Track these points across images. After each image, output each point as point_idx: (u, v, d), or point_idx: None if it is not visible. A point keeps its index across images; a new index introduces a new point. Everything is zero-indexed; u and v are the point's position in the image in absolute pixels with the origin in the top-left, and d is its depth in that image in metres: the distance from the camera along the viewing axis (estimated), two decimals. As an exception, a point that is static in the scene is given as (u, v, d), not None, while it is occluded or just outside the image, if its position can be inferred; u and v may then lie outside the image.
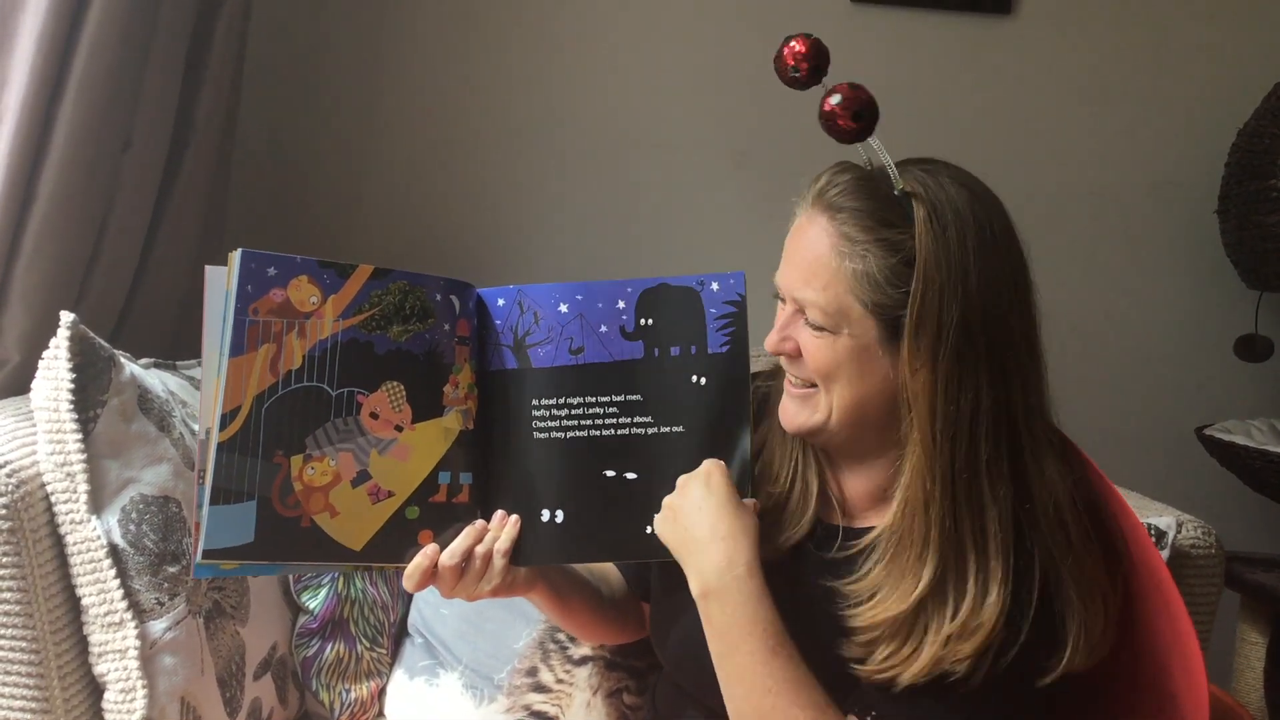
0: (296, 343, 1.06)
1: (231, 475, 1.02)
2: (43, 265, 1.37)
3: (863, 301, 1.02)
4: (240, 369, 1.03)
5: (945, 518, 1.01)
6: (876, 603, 1.03)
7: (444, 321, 1.13)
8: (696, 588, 1.04)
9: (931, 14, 2.05)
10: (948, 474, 1.01)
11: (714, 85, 2.06)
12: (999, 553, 1.00)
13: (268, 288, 1.05)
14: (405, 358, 1.10)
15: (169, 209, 1.65)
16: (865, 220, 1.02)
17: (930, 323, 1.00)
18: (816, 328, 1.05)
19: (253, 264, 1.04)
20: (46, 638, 1.14)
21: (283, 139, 2.04)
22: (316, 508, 1.06)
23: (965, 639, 0.99)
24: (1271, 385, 2.14)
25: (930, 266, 1.00)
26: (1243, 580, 1.81)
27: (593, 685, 1.46)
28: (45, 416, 1.17)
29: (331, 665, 1.52)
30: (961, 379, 1.01)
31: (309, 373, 1.06)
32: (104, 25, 1.36)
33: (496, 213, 2.08)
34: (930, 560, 1.01)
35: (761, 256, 2.08)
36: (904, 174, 1.05)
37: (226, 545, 1.02)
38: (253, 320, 1.04)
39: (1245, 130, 1.99)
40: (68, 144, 1.35)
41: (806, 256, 1.05)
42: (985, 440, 1.01)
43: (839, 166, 1.08)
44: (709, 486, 1.08)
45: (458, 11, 2.02)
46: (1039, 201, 2.04)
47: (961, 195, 1.03)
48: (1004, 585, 1.00)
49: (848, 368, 1.05)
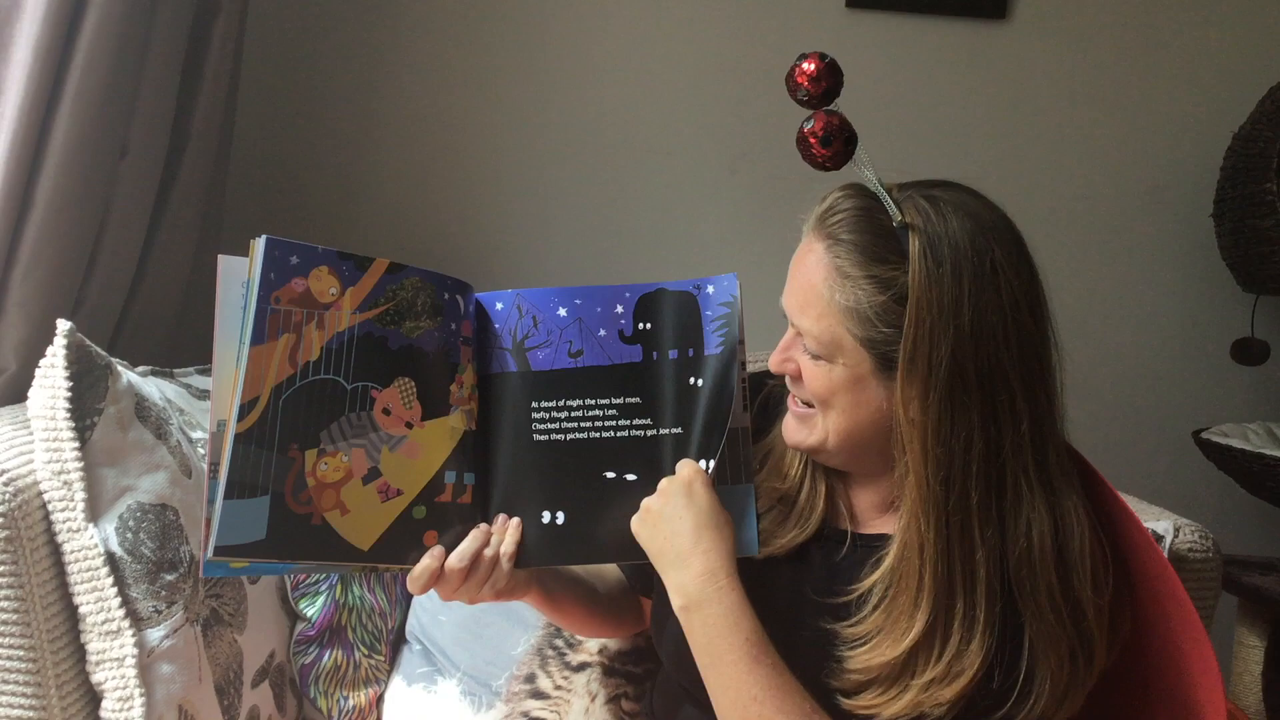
0: (315, 334, 1.04)
1: (247, 468, 0.99)
2: (40, 273, 1.37)
3: (854, 336, 1.02)
4: (260, 358, 1.01)
5: (939, 561, 1.00)
6: (871, 648, 1.03)
7: (451, 320, 1.12)
8: (678, 600, 1.04)
9: (927, 19, 2.05)
10: (941, 516, 1.00)
11: (710, 91, 2.06)
12: (984, 598, 1.00)
13: (289, 276, 1.03)
14: (417, 354, 1.09)
15: (166, 216, 1.66)
16: (858, 256, 1.02)
17: (921, 362, 0.99)
18: (813, 356, 1.06)
19: (276, 251, 1.02)
20: (44, 646, 1.14)
21: (279, 146, 2.04)
22: (328, 505, 1.03)
23: (947, 684, 0.99)
24: (1268, 388, 2.14)
25: (921, 306, 0.99)
26: (1240, 584, 1.81)
27: (591, 691, 1.46)
28: (42, 425, 1.17)
29: (329, 672, 1.52)
30: (954, 419, 0.99)
31: (326, 365, 1.04)
32: (100, 33, 1.36)
33: (493, 218, 2.08)
34: (925, 604, 1.00)
35: (757, 260, 2.09)
36: (906, 202, 1.03)
37: (239, 542, 0.98)
38: (274, 309, 1.02)
39: (1240, 134, 2.00)
40: (64, 151, 1.35)
41: (803, 284, 1.05)
42: (976, 482, 1.00)
43: (845, 191, 1.07)
44: (690, 495, 1.06)
45: (454, 18, 2.02)
46: (1034, 206, 2.04)
47: (964, 226, 1.01)
48: (987, 632, 0.99)
49: (843, 396, 1.05)
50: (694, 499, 1.06)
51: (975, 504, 1.00)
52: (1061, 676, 1.00)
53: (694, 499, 1.06)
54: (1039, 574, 1.01)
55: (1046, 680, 0.99)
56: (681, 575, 1.03)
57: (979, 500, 1.00)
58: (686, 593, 1.03)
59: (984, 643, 0.99)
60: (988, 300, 0.99)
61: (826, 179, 1.10)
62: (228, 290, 1.04)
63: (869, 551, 1.10)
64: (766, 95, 2.06)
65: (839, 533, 1.14)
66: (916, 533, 1.01)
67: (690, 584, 1.03)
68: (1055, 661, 1.00)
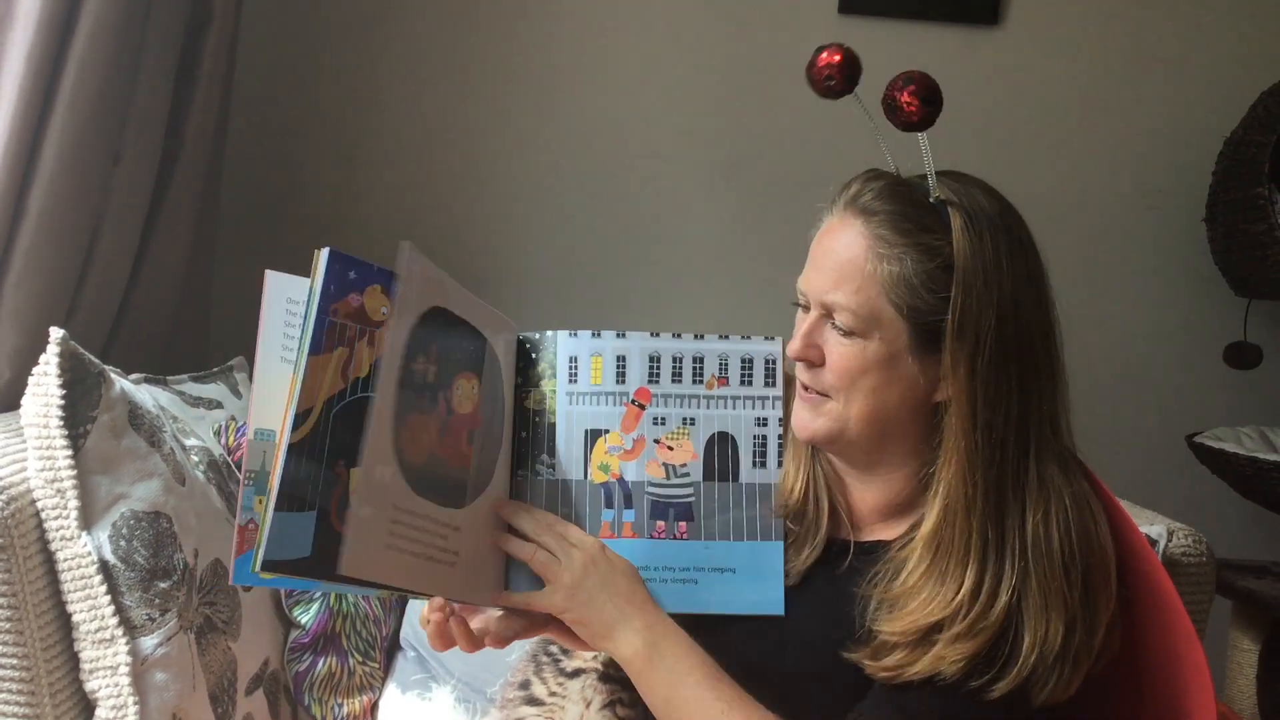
0: (366, 350, 1.03)
1: (298, 481, 0.97)
2: (33, 281, 1.37)
3: (897, 305, 1.03)
4: (317, 369, 0.99)
5: (986, 521, 1.02)
6: (914, 609, 1.02)
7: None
8: (641, 645, 1.05)
9: (919, 25, 2.06)
10: (989, 478, 1.02)
11: (703, 96, 2.07)
12: (1010, 555, 1.01)
13: (347, 291, 1.02)
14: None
15: (159, 224, 1.65)
16: (902, 223, 1.03)
17: (970, 329, 1.01)
18: (846, 332, 1.05)
19: (337, 264, 1.01)
20: (37, 654, 1.13)
21: (272, 153, 2.04)
22: None
23: (969, 639, 0.99)
24: (1261, 392, 2.15)
25: (970, 273, 1.01)
26: (1234, 587, 1.81)
27: (586, 698, 1.45)
28: (35, 433, 1.17)
29: (324, 680, 1.52)
30: (999, 384, 1.02)
31: (374, 383, 1.02)
32: (93, 40, 1.36)
33: (486, 224, 2.08)
34: (973, 565, 1.01)
35: (754, 265, 2.09)
36: (936, 183, 1.06)
37: (285, 557, 0.96)
38: (332, 321, 1.01)
39: (1232, 139, 2.00)
40: (57, 159, 1.35)
41: (839, 259, 1.05)
42: (1015, 447, 1.03)
43: (871, 173, 1.09)
44: (610, 560, 1.09)
45: (450, 26, 2.02)
46: (1027, 210, 2.02)
47: (992, 204, 1.05)
48: (1008, 590, 1.00)
49: (874, 374, 1.05)
50: (612, 560, 1.09)
51: (1014, 468, 1.03)
52: (1052, 645, 1.00)
53: (612, 560, 1.09)
54: (1057, 538, 1.02)
55: (1035, 649, 0.99)
56: (633, 624, 1.06)
57: (1017, 464, 1.03)
58: (644, 636, 1.06)
59: (1007, 599, 1.00)
60: (1020, 271, 1.03)
61: (821, 182, 1.10)
62: (272, 305, 1.05)
63: (870, 561, 1.09)
64: (759, 100, 2.06)
65: (843, 544, 1.14)
66: (962, 495, 1.02)
67: (644, 626, 1.06)
68: (1059, 626, 1.00)
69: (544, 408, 1.15)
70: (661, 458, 1.15)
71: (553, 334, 1.16)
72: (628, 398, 1.15)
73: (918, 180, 1.07)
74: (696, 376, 1.15)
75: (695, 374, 1.15)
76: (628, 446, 1.14)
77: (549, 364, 1.16)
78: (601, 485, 1.14)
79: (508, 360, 1.15)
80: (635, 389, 1.15)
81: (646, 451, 1.14)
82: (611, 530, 1.13)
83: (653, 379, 1.15)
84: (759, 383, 1.16)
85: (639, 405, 1.15)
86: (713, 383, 1.15)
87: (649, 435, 1.15)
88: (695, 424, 1.15)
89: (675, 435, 1.15)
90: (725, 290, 2.11)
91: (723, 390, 1.15)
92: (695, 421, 1.15)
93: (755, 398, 1.16)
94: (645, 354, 1.15)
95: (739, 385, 1.16)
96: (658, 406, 1.15)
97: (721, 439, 1.15)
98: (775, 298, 1.29)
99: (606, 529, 1.13)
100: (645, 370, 1.15)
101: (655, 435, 1.15)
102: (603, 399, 1.15)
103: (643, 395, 1.15)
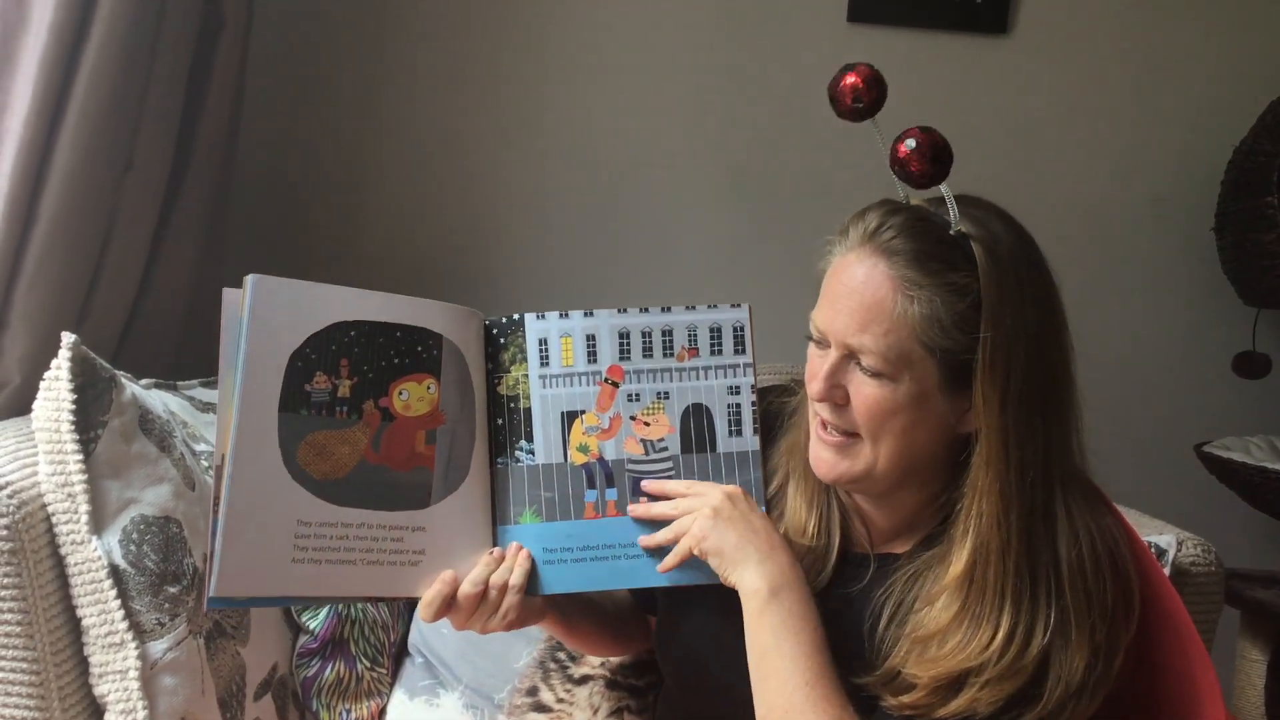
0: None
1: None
2: (44, 286, 1.37)
3: (927, 346, 1.00)
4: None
5: (1021, 562, 1.00)
6: (947, 654, 1.00)
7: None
8: (762, 586, 1.04)
9: (928, 33, 2.06)
10: (1023, 517, 1.01)
11: (711, 104, 2.07)
12: (1045, 595, 1.00)
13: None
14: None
15: (170, 230, 1.66)
16: (930, 263, 1.00)
17: (1001, 365, 0.99)
18: (874, 374, 1.02)
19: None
20: (47, 658, 1.14)
21: (284, 160, 2.05)
22: None
23: (1004, 681, 0.98)
24: (1270, 402, 2.14)
25: (999, 311, 0.99)
26: (1243, 597, 1.81)
27: (593, 705, 1.45)
28: (46, 437, 1.17)
29: (332, 685, 1.52)
30: (1029, 419, 1.01)
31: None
32: (105, 47, 1.37)
33: (495, 231, 2.08)
34: (1008, 609, 1.00)
35: (762, 275, 2.09)
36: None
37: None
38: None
39: (1241, 148, 2.00)
40: (69, 165, 1.36)
41: (863, 301, 1.01)
42: (1046, 483, 1.02)
43: (887, 206, 1.06)
44: (750, 504, 1.09)
45: (457, 35, 2.03)
46: (1035, 220, 2.02)
47: (1009, 233, 1.03)
48: (1046, 630, 0.99)
49: (905, 415, 1.03)
50: (752, 506, 1.09)
51: (1043, 504, 1.02)
52: (1078, 675, 0.99)
53: (752, 506, 1.09)
54: (1088, 571, 1.01)
55: (1059, 682, 0.99)
56: (766, 564, 1.04)
57: (1045, 500, 1.02)
58: (772, 578, 1.04)
59: (1042, 640, 0.99)
60: (1044, 304, 1.03)
61: (824, 194, 1.10)
62: (230, 325, 1.05)
63: (884, 573, 1.09)
64: (767, 109, 2.06)
65: (861, 556, 1.14)
66: (996, 536, 1.01)
67: (776, 571, 1.04)
68: (1083, 660, 0.99)
69: (518, 392, 1.15)
70: (639, 434, 1.14)
71: (519, 316, 1.16)
72: (601, 376, 1.14)
73: (933, 210, 1.04)
74: (667, 350, 1.15)
75: (665, 347, 1.15)
76: (605, 425, 1.14)
77: (519, 348, 1.15)
78: (582, 466, 1.14)
79: (475, 350, 1.15)
80: (607, 367, 1.15)
81: (624, 429, 1.14)
82: (596, 510, 1.13)
83: (624, 355, 1.15)
84: (729, 351, 1.15)
85: (612, 383, 1.14)
86: (683, 355, 1.15)
87: (625, 413, 1.15)
88: (669, 398, 1.15)
89: (650, 410, 1.15)
90: (733, 299, 2.11)
91: (694, 361, 1.15)
92: (669, 395, 1.15)
93: (726, 366, 1.15)
94: (614, 331, 1.15)
95: (709, 355, 1.15)
96: (631, 383, 1.15)
97: (696, 410, 1.15)
98: (784, 309, 1.28)
99: (591, 510, 1.13)
100: (616, 347, 1.15)
101: (631, 412, 1.15)
102: (576, 379, 1.15)
103: (615, 373, 1.14)
